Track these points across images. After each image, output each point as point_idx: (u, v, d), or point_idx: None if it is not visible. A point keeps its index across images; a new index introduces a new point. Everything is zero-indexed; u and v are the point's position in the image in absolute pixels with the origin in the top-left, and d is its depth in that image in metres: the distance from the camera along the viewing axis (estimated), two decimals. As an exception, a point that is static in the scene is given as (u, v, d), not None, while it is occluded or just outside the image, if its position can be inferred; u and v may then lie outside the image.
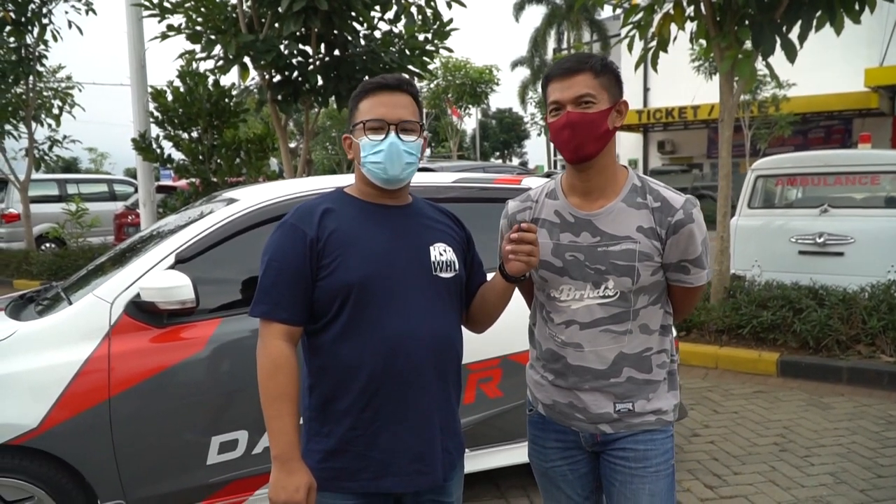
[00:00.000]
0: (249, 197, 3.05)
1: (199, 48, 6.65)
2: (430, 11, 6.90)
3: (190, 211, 3.45)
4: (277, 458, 1.53)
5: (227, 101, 7.39)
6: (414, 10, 6.90)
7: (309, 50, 6.77)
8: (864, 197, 6.68)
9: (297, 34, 6.37)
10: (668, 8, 6.09)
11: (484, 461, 3.24)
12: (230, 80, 22.18)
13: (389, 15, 6.89)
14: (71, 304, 2.76)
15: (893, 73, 16.01)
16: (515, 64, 32.58)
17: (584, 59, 1.65)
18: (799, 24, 5.59)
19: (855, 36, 8.14)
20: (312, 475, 1.58)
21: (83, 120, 15.53)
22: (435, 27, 6.90)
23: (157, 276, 2.63)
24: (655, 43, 6.19)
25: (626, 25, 6.27)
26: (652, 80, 23.32)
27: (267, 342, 1.57)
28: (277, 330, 1.58)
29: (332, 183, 3.01)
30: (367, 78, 1.83)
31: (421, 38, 6.92)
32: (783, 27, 5.61)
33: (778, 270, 6.42)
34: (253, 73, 6.89)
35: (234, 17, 6.58)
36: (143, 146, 7.45)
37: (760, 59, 5.78)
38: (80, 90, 13.40)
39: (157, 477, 2.66)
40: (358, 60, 6.68)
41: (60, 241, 12.00)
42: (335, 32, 6.59)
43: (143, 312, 2.65)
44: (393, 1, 6.76)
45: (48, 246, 12.47)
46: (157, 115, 7.41)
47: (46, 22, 10.88)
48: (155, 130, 7.71)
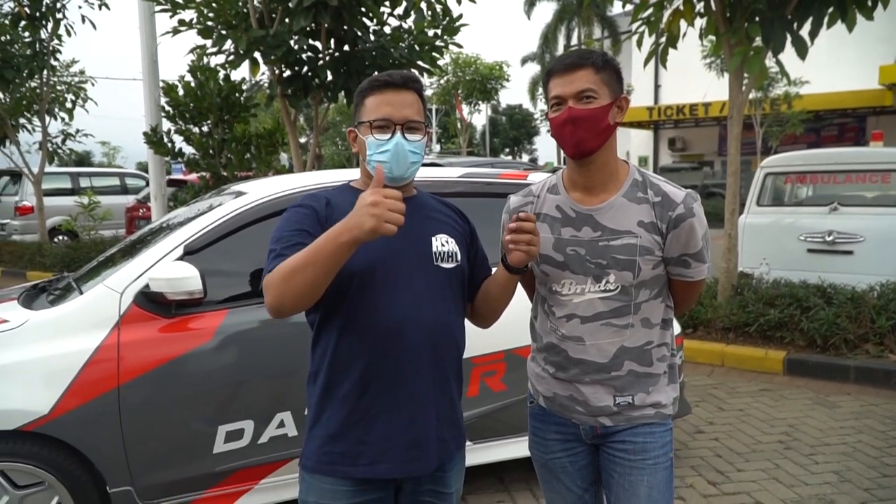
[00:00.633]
0: (257, 190, 3.08)
1: (210, 43, 6.70)
2: (439, 7, 6.91)
3: (198, 203, 3.49)
4: (336, 237, 1.42)
5: (237, 95, 7.45)
6: (423, 5, 6.90)
7: (319, 45, 6.80)
8: (874, 195, 6.63)
9: (307, 29, 6.41)
10: (678, 4, 6.07)
11: (487, 454, 3.27)
12: (241, 74, 22.31)
13: (399, 10, 6.90)
14: (82, 293, 2.80)
15: (908, 70, 15.87)
16: (526, 60, 32.55)
17: (585, 54, 1.67)
18: (810, 20, 5.56)
19: (869, 32, 8.08)
20: (313, 459, 1.62)
21: (96, 114, 15.69)
22: (444, 23, 6.91)
23: (165, 267, 2.68)
24: (665, 39, 6.17)
25: (635, 21, 6.25)
26: (663, 76, 23.22)
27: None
28: None
29: (339, 176, 3.04)
30: (376, 73, 1.83)
31: (430, 33, 6.93)
32: (794, 23, 5.57)
33: (786, 269, 6.39)
34: (263, 68, 6.93)
35: (244, 12, 6.62)
36: (154, 140, 7.52)
37: (771, 55, 5.75)
38: (92, 84, 13.54)
39: (164, 464, 2.70)
40: (367, 56, 6.71)
41: (73, 233, 12.12)
42: (345, 28, 6.61)
43: (151, 303, 2.70)
44: (402, -4, 6.79)
45: (61, 238, 12.60)
46: (168, 109, 7.48)
47: (60, 17, 11.03)
48: (166, 125, 7.79)
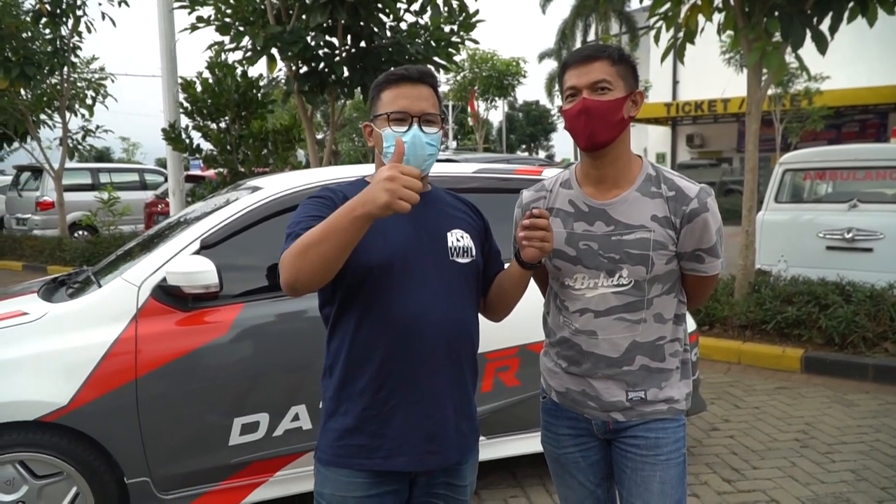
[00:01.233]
0: (273, 185, 3.11)
1: (227, 40, 6.76)
2: (455, 3, 6.91)
3: (215, 199, 3.53)
4: (350, 210, 1.40)
5: (254, 92, 7.50)
6: (440, 1, 6.91)
7: (335, 41, 6.83)
8: (894, 192, 6.54)
9: (323, 25, 6.44)
10: (695, -1, 6.02)
11: (500, 449, 3.27)
12: (258, 71, 22.49)
13: (415, 6, 6.92)
14: (100, 287, 2.84)
15: (931, 66, 15.62)
16: (542, 56, 32.35)
17: (601, 47, 1.68)
18: (830, 15, 5.49)
19: (891, 28, 7.95)
20: (328, 453, 1.63)
21: (115, 110, 15.87)
22: (461, 19, 6.91)
23: (182, 260, 2.70)
24: (683, 34, 6.12)
25: (652, 16, 6.20)
26: (681, 72, 23.05)
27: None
28: None
29: (354, 172, 3.05)
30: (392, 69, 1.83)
31: (447, 29, 6.94)
32: (813, 19, 5.50)
33: (805, 266, 6.32)
34: (280, 64, 6.98)
35: (262, 8, 6.67)
36: (172, 136, 7.59)
37: (790, 51, 5.69)
38: (112, 81, 13.66)
39: (180, 456, 2.74)
40: (384, 52, 6.73)
41: (93, 228, 12.26)
42: (361, 24, 6.63)
43: (168, 296, 2.73)
44: (419, -8, 6.80)
45: (81, 233, 12.75)
46: (186, 105, 7.54)
47: (81, 14, 11.14)
48: (184, 121, 7.85)
